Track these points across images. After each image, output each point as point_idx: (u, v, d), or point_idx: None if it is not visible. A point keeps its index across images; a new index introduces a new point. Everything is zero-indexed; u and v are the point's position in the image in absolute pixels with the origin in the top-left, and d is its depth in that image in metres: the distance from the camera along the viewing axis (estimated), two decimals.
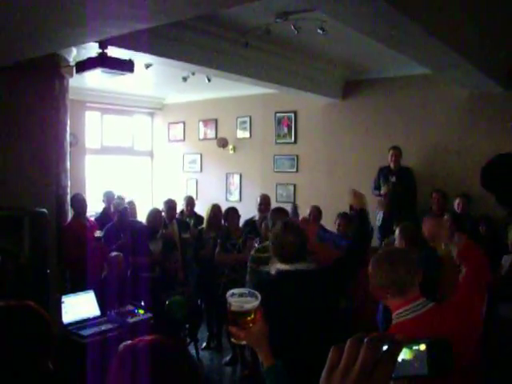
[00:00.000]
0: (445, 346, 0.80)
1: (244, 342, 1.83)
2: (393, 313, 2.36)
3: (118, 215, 6.92)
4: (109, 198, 8.14)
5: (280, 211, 5.35)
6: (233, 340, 1.83)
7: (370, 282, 2.42)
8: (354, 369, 0.77)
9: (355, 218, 5.15)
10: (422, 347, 0.80)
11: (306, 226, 5.51)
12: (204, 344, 6.68)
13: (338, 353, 0.80)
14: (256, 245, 5.46)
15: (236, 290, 1.79)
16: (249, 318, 1.77)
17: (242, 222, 6.95)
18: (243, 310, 1.77)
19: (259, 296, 1.78)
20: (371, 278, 2.41)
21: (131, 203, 8.13)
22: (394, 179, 7.53)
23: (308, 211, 6.81)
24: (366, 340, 0.78)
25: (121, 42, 5.10)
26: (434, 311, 2.29)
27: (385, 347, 0.78)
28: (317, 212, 6.79)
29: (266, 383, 1.88)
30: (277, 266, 3.15)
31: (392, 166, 7.64)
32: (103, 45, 4.99)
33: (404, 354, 0.80)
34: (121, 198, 8.10)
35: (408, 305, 2.29)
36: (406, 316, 2.28)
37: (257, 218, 6.95)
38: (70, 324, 4.90)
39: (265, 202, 6.99)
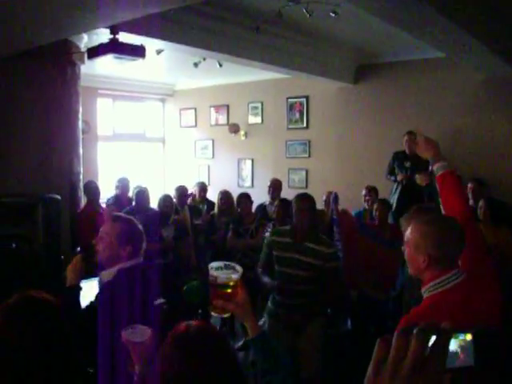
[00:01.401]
0: (492, 335, 0.76)
1: (227, 315, 1.87)
2: (424, 284, 2.25)
3: (135, 198, 6.98)
4: (123, 184, 8.13)
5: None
6: (214, 313, 1.85)
7: (407, 247, 2.30)
8: (405, 363, 0.73)
9: None
10: (468, 337, 0.76)
11: (344, 216, 5.50)
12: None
13: (385, 346, 0.77)
14: (269, 230, 5.45)
15: (214, 264, 1.82)
16: (232, 291, 1.81)
17: (254, 208, 6.96)
18: (229, 282, 1.79)
19: (239, 268, 1.81)
20: (412, 244, 2.27)
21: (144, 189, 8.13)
22: (408, 164, 7.46)
23: (324, 197, 6.79)
24: (415, 331, 0.74)
25: (132, 28, 5.08)
26: (464, 284, 2.19)
27: (433, 337, 0.73)
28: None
29: (254, 351, 1.92)
30: None
31: (407, 151, 7.57)
32: (114, 30, 4.96)
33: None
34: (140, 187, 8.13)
35: (442, 276, 2.18)
36: (437, 289, 2.19)
37: (267, 202, 6.97)
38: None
39: (274, 185, 6.99)
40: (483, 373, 0.76)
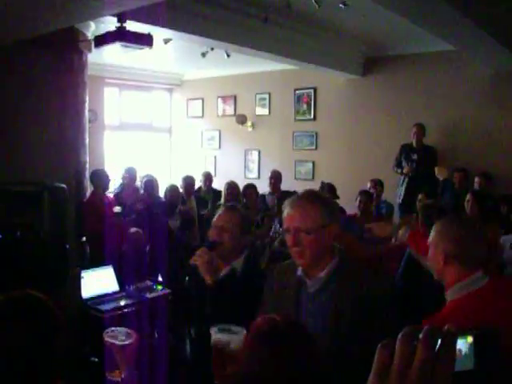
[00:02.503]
0: (493, 337, 0.72)
1: None
2: (448, 287, 2.20)
3: (144, 186, 7.02)
4: (130, 174, 8.12)
5: None
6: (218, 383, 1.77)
7: (430, 250, 2.26)
8: (412, 370, 0.69)
9: None
10: (469, 339, 0.72)
11: None
12: None
13: (388, 353, 0.72)
14: (278, 224, 5.44)
15: (220, 327, 1.77)
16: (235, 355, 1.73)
17: None
18: (237, 345, 1.72)
19: (237, 328, 1.76)
20: (432, 244, 2.24)
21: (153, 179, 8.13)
22: (415, 157, 7.44)
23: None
24: (422, 337, 0.69)
25: (139, 17, 5.05)
26: (489, 287, 2.14)
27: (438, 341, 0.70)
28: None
29: None
30: None
31: (414, 143, 7.54)
32: (122, 19, 4.93)
33: None
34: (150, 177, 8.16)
35: (466, 278, 2.13)
36: (461, 292, 2.13)
37: (267, 193, 6.98)
38: (89, 299, 4.94)
39: (276, 177, 7.00)
40: (483, 377, 0.72)
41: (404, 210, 7.01)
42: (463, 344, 0.72)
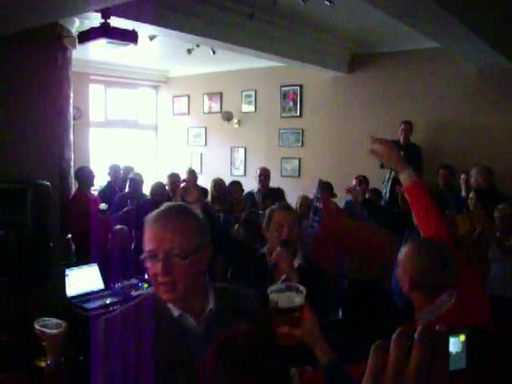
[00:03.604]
0: (483, 334, 0.73)
1: (295, 343, 1.69)
2: (416, 309, 2.20)
3: (129, 183, 7.01)
4: (114, 171, 8.10)
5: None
6: (280, 343, 1.65)
7: (402, 269, 2.25)
8: (408, 371, 0.68)
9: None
10: (462, 338, 0.72)
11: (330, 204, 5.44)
12: None
13: (381, 355, 0.71)
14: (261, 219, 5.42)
15: (274, 287, 1.70)
16: (298, 314, 1.66)
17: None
18: (293, 306, 1.65)
19: (302, 288, 1.68)
20: (400, 265, 2.25)
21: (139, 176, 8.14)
22: (401, 154, 7.45)
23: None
24: (417, 337, 0.69)
25: (124, 13, 5.02)
26: (456, 304, 2.13)
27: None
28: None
29: (327, 379, 1.72)
30: None
31: (401, 140, 7.57)
32: (106, 15, 4.90)
33: None
34: (137, 174, 8.16)
35: (432, 305, 2.13)
36: (431, 317, 2.11)
37: (255, 190, 6.97)
38: (74, 297, 4.91)
39: (265, 173, 7.00)
40: (475, 375, 0.71)
41: (390, 207, 7.03)
42: (455, 343, 0.72)
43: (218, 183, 6.85)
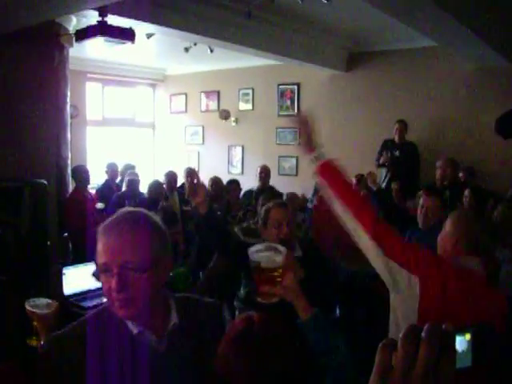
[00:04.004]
0: (490, 333, 0.73)
1: (275, 300, 1.76)
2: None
3: (127, 183, 6.99)
4: (112, 169, 8.09)
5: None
6: (261, 300, 1.76)
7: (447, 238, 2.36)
8: (415, 370, 0.68)
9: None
10: (467, 336, 0.72)
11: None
12: None
13: (389, 353, 0.71)
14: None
15: (254, 247, 1.74)
16: (278, 273, 1.72)
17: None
18: (274, 265, 1.71)
19: (282, 248, 1.74)
20: (455, 237, 2.34)
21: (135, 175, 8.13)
22: (397, 153, 7.47)
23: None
24: (424, 335, 0.69)
25: (121, 11, 5.01)
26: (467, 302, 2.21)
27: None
28: None
29: (308, 334, 1.76)
30: None
31: (396, 139, 7.57)
32: (103, 12, 4.89)
33: None
34: (134, 174, 8.16)
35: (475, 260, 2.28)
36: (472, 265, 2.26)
37: (255, 188, 6.96)
38: (71, 296, 4.89)
39: (265, 171, 6.99)
40: (480, 373, 0.72)
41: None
42: (461, 341, 0.72)
43: (215, 182, 6.84)
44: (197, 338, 1.63)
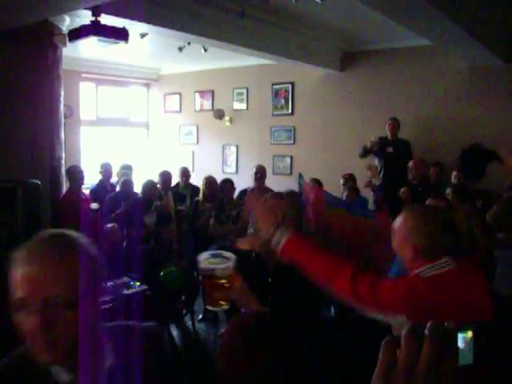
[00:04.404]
0: (492, 331, 0.74)
1: (226, 307, 1.78)
2: (410, 270, 2.19)
3: (121, 184, 6.97)
4: (106, 169, 8.07)
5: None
6: (212, 307, 1.78)
7: (396, 237, 2.24)
8: (419, 368, 0.70)
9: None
10: (469, 334, 0.74)
11: (312, 190, 5.48)
12: (200, 316, 6.69)
13: (392, 350, 0.72)
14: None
15: (204, 255, 1.76)
16: (227, 280, 1.76)
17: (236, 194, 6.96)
18: (224, 272, 1.74)
19: (229, 254, 1.76)
20: (399, 234, 2.23)
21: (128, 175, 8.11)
22: (390, 150, 7.49)
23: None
24: (428, 333, 0.70)
25: (115, 10, 5.00)
26: (458, 271, 2.12)
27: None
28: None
29: None
30: None
31: (389, 136, 7.60)
32: (97, 12, 4.88)
33: None
34: (129, 168, 8.16)
35: (434, 262, 2.13)
36: (432, 272, 2.11)
37: (250, 188, 6.95)
38: None
39: (261, 171, 6.99)
40: (481, 370, 0.73)
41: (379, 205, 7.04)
42: (463, 339, 0.73)
43: (209, 181, 6.84)
44: (137, 373, 1.38)
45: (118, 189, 7.32)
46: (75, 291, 1.24)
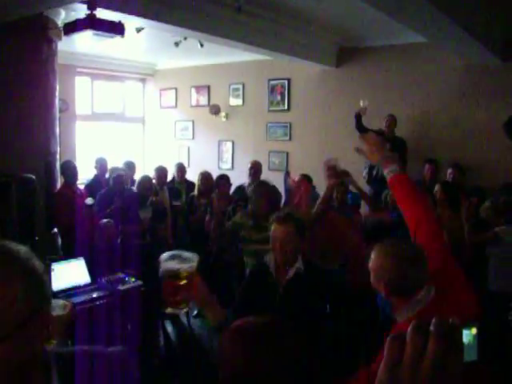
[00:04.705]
0: (496, 328, 0.73)
1: (186, 309, 1.79)
2: (397, 309, 2.21)
3: (113, 181, 6.92)
4: (101, 164, 8.03)
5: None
6: (171, 309, 1.77)
7: (371, 271, 2.26)
8: (424, 363, 0.69)
9: None
10: (473, 331, 0.74)
11: (298, 185, 5.50)
12: (195, 312, 6.68)
13: (398, 345, 0.72)
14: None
15: (164, 256, 1.75)
16: (188, 280, 1.74)
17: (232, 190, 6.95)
18: (183, 272, 1.72)
19: (192, 256, 1.76)
20: (373, 270, 2.25)
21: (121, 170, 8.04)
22: (387, 146, 7.48)
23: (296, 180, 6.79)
24: (434, 328, 0.70)
25: (111, 4, 4.96)
26: (438, 298, 2.13)
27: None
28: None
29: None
30: None
31: (386, 132, 7.58)
32: (92, 6, 4.85)
33: None
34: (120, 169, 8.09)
35: (408, 304, 2.15)
36: (413, 312, 2.12)
37: (246, 184, 6.94)
38: (60, 291, 4.87)
39: (255, 167, 6.97)
40: (486, 367, 0.73)
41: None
42: (467, 336, 0.74)
43: (205, 176, 6.83)
44: None
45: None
46: (10, 320, 1.00)
